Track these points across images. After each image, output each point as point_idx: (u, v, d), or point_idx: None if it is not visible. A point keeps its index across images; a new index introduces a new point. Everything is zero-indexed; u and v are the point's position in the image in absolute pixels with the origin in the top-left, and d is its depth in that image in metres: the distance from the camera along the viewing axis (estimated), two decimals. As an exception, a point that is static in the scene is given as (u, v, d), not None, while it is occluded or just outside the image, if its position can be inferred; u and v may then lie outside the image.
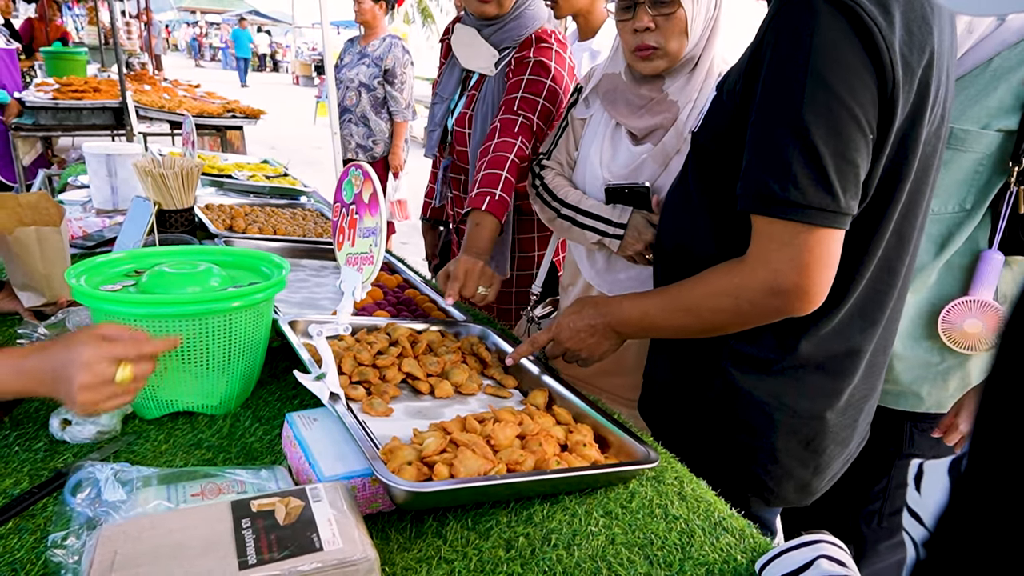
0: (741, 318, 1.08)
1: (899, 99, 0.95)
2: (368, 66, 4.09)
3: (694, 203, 1.19)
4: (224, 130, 4.81)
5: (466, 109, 1.96)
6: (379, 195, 1.01)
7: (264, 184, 2.76)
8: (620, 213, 1.52)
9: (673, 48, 1.44)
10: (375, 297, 1.72)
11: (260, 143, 9.85)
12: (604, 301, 1.28)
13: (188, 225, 1.93)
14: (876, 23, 0.91)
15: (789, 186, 0.95)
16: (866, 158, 0.97)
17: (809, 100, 0.92)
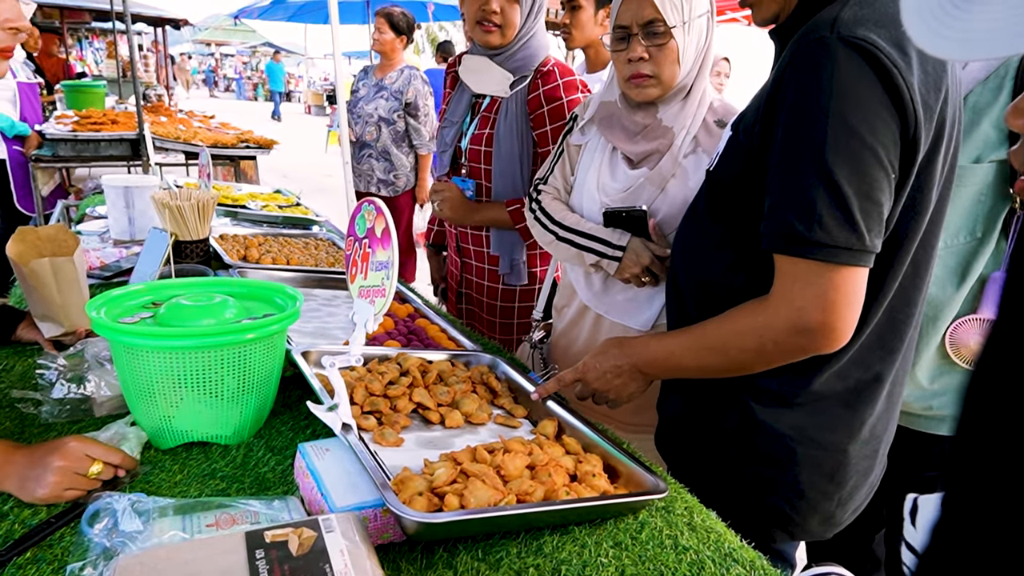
0: (766, 357, 1.08)
1: (921, 139, 0.96)
2: (387, 99, 4.01)
3: (709, 239, 1.20)
4: (238, 160, 4.88)
5: (481, 129, 2.06)
6: (391, 230, 1.04)
7: (277, 214, 2.80)
8: (619, 236, 1.55)
9: (666, 77, 1.48)
10: (386, 327, 1.74)
11: (273, 171, 9.97)
12: (629, 342, 1.29)
13: (203, 255, 1.97)
14: (896, 65, 0.92)
15: (815, 226, 0.96)
16: (889, 197, 0.98)
17: (832, 141, 0.93)
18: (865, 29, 0.93)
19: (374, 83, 4.11)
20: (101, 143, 4.38)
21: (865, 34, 0.92)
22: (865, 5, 0.97)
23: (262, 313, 1.30)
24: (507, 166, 2.01)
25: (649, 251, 1.51)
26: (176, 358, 1.10)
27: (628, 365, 1.27)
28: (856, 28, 0.93)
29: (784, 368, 1.13)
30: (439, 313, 1.92)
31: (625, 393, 1.30)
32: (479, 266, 2.21)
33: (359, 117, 4.10)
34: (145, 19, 9.94)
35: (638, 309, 1.60)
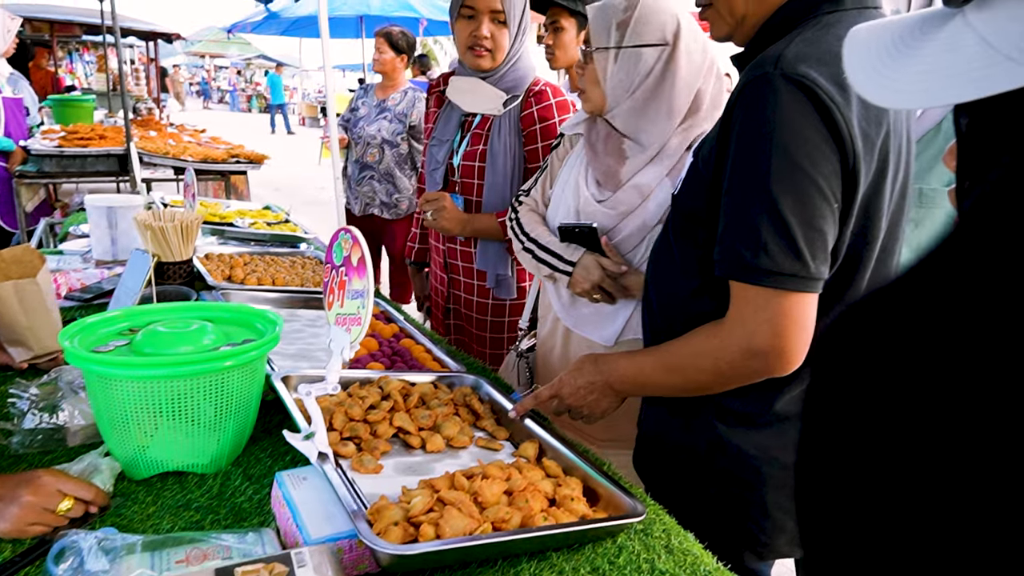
0: (722, 379, 1.11)
1: (861, 170, 0.99)
2: (391, 121, 3.93)
3: (677, 262, 1.22)
4: (228, 175, 4.88)
5: (474, 146, 2.11)
6: (367, 259, 1.04)
7: (265, 232, 2.80)
8: (572, 252, 1.60)
9: (592, 95, 1.56)
10: (369, 348, 1.73)
11: (265, 184, 9.96)
12: (603, 359, 1.31)
13: (186, 276, 1.96)
14: (834, 101, 0.95)
15: (761, 253, 1.00)
16: (833, 225, 1.01)
17: (775, 173, 0.97)
18: (807, 66, 0.96)
19: (376, 103, 4.03)
20: (88, 159, 4.36)
21: (806, 71, 0.96)
22: (810, 43, 1.00)
23: (242, 339, 1.29)
24: (500, 181, 2.07)
25: (601, 268, 1.54)
26: (151, 387, 1.09)
27: (601, 382, 1.29)
28: (798, 65, 0.97)
29: (748, 389, 1.15)
30: (425, 333, 1.92)
31: (599, 409, 1.33)
32: (467, 282, 2.23)
33: (359, 138, 4.00)
34: (137, 33, 9.97)
35: (602, 323, 1.62)
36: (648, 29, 1.46)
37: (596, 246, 1.56)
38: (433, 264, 2.37)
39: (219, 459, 1.20)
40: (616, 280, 1.54)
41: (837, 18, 1.04)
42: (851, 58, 0.68)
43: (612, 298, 1.56)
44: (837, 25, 1.03)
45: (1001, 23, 0.55)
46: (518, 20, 2.04)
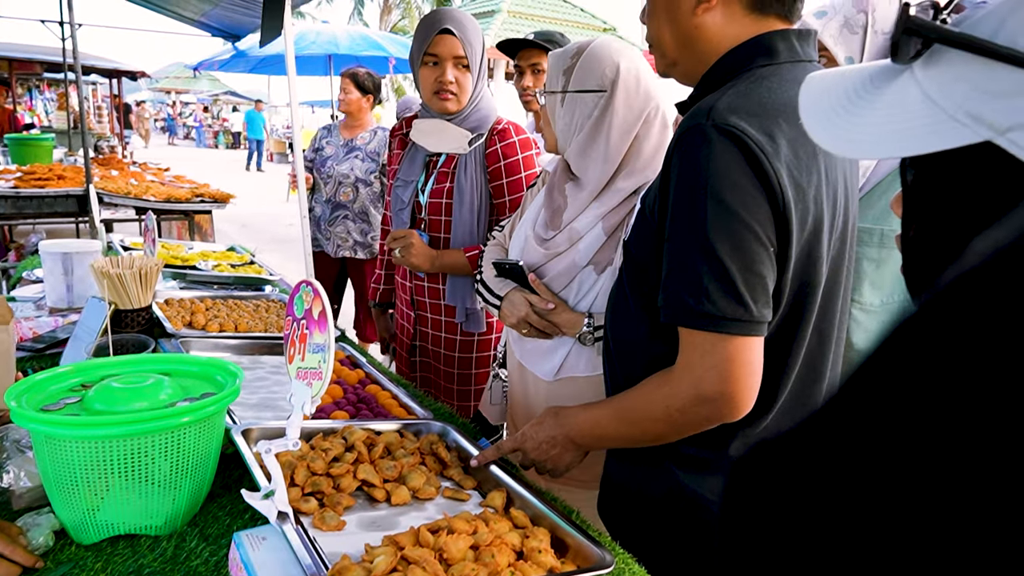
0: (675, 427, 1.12)
1: (792, 216, 1.02)
2: (363, 160, 3.93)
3: (630, 306, 1.24)
4: (192, 214, 4.82)
5: (440, 184, 2.16)
6: (328, 312, 1.02)
7: (229, 275, 2.75)
8: (502, 287, 1.68)
9: (547, 135, 1.65)
10: (334, 395, 1.70)
11: (231, 221, 9.87)
12: (563, 412, 1.31)
13: (145, 324, 1.91)
14: (763, 150, 0.99)
15: (703, 299, 1.02)
16: (771, 269, 1.03)
17: (712, 220, 0.99)
18: (737, 117, 1.00)
19: (343, 143, 4.02)
20: (45, 199, 4.28)
21: (736, 122, 0.99)
22: (742, 95, 1.04)
23: (200, 392, 1.26)
24: (467, 217, 2.13)
25: (528, 304, 1.59)
26: (102, 446, 1.05)
27: (561, 436, 1.29)
28: (729, 116, 1.00)
29: (702, 434, 1.15)
30: (391, 377, 1.89)
31: (562, 464, 1.32)
32: (435, 318, 2.23)
33: (329, 177, 3.97)
34: (100, 71, 9.89)
35: (541, 358, 1.65)
36: (589, 76, 1.52)
37: (526, 282, 1.62)
38: (399, 303, 2.37)
39: (174, 520, 1.15)
40: (543, 317, 1.57)
41: (771, 71, 1.08)
42: (807, 107, 0.69)
43: (542, 333, 1.60)
44: (771, 77, 1.07)
45: (946, 82, 0.57)
46: (479, 64, 2.11)
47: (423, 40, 2.06)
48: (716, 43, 1.13)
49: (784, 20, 1.13)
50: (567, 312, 1.56)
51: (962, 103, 0.55)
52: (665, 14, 1.17)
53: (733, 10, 1.11)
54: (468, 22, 2.09)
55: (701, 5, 1.11)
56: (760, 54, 1.09)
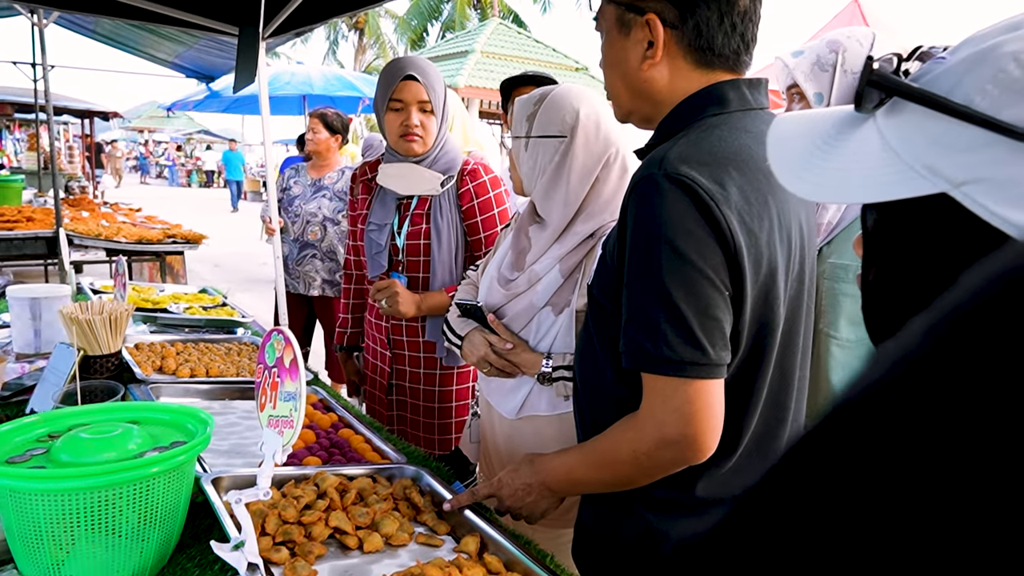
0: (643, 471, 1.13)
1: (745, 260, 1.05)
2: (331, 199, 3.98)
3: (597, 350, 1.25)
4: (164, 255, 4.78)
5: (416, 226, 2.21)
6: (299, 361, 1.03)
7: (200, 317, 2.74)
8: (463, 326, 1.72)
9: (515, 178, 1.70)
10: (307, 440, 1.69)
11: (204, 261, 9.79)
12: (539, 459, 1.32)
13: (114, 370, 1.89)
14: (713, 198, 1.02)
15: (661, 345, 1.03)
16: (727, 313, 1.06)
17: (667, 267, 1.02)
18: (688, 167, 1.03)
19: (311, 182, 4.06)
20: (14, 242, 4.22)
21: (687, 171, 1.02)
22: (693, 144, 1.07)
23: (170, 441, 1.24)
24: (446, 257, 2.19)
25: (487, 344, 1.62)
26: (68, 499, 1.04)
27: (537, 483, 1.30)
28: (680, 166, 1.03)
29: (670, 475, 1.16)
30: (364, 421, 1.88)
31: (538, 510, 1.33)
32: (413, 355, 2.25)
33: (297, 216, 4.00)
34: (72, 112, 9.84)
35: (504, 397, 1.67)
36: (551, 121, 1.57)
37: (487, 323, 1.66)
38: (372, 343, 2.37)
39: (142, 572, 1.13)
40: (502, 356, 1.60)
41: (723, 119, 1.12)
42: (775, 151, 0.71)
43: (503, 373, 1.62)
44: (721, 126, 1.10)
45: (907, 133, 0.59)
46: (442, 108, 2.18)
47: (388, 86, 2.13)
48: (667, 95, 1.17)
49: (731, 72, 1.16)
50: (527, 352, 1.59)
51: (921, 155, 0.57)
52: (616, 68, 1.21)
53: (679, 65, 1.15)
54: (430, 68, 2.18)
55: (647, 61, 1.15)
56: (712, 103, 1.13)
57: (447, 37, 21.50)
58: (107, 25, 4.64)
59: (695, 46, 1.12)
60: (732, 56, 1.14)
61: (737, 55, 1.14)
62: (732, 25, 1.11)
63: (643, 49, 1.15)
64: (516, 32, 16.08)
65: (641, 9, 1.13)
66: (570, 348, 1.55)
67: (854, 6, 8.34)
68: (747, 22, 1.13)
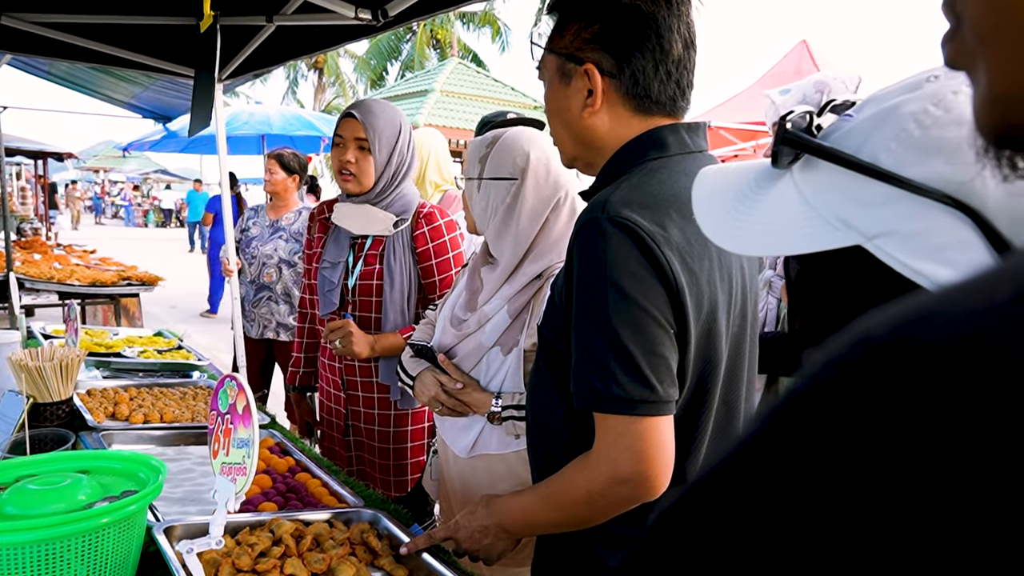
0: (598, 509, 1.14)
1: (687, 298, 1.08)
2: (287, 241, 3.95)
3: (547, 389, 1.27)
4: (118, 298, 4.70)
5: (369, 266, 2.22)
6: (252, 407, 1.03)
7: (155, 361, 2.70)
8: (415, 366, 1.74)
9: (469, 218, 1.74)
10: (263, 485, 1.67)
11: (160, 303, 9.60)
12: (495, 500, 1.33)
13: (65, 418, 1.86)
14: (654, 240, 1.06)
15: (611, 384, 1.06)
16: (672, 349, 1.09)
17: (613, 308, 1.05)
18: (629, 210, 1.07)
19: (268, 223, 4.03)
20: (-38, 287, 4.12)
21: (629, 214, 1.06)
22: (634, 188, 1.11)
23: (121, 490, 1.23)
24: (398, 299, 2.18)
25: (438, 384, 1.65)
26: (16, 553, 1.02)
27: (493, 524, 1.30)
28: (622, 209, 1.07)
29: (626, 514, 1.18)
30: (322, 464, 1.87)
31: (495, 552, 1.33)
32: (367, 396, 2.24)
33: (254, 258, 3.96)
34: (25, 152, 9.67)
35: (457, 435, 1.69)
36: (502, 164, 1.62)
37: (437, 362, 1.68)
38: (326, 384, 2.36)
39: (91, 627, 1.11)
40: (452, 396, 1.62)
41: (663, 163, 1.16)
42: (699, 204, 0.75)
43: (454, 412, 1.64)
44: (662, 170, 1.15)
45: (821, 188, 0.62)
46: (386, 150, 2.17)
47: (335, 124, 2.22)
48: (608, 141, 1.21)
49: (670, 119, 1.21)
50: (477, 391, 1.61)
51: (836, 209, 0.60)
52: (558, 116, 1.26)
53: (618, 112, 1.19)
54: (379, 109, 2.20)
55: (587, 109, 1.19)
56: (652, 147, 1.17)
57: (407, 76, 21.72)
58: (62, 67, 4.61)
59: (633, 93, 1.17)
60: (669, 102, 1.19)
61: (674, 101, 1.19)
62: (667, 73, 1.16)
63: (583, 97, 1.19)
64: (475, 71, 16.31)
65: (580, 59, 1.17)
66: (519, 387, 1.57)
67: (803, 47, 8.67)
68: (682, 69, 1.18)
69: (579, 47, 1.18)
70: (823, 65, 7.85)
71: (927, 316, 0.23)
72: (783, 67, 8.45)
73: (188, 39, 3.08)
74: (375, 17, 2.59)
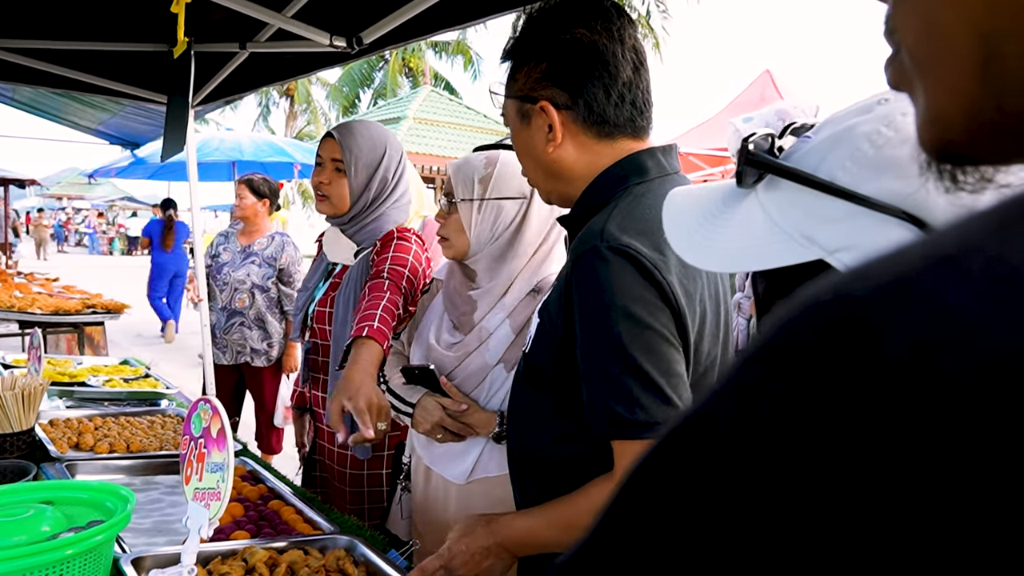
0: None
1: (687, 319, 1.10)
2: (260, 266, 3.91)
3: (535, 412, 1.26)
4: (82, 327, 4.59)
5: (330, 293, 2.14)
6: (227, 430, 1.01)
7: (121, 390, 2.63)
8: (413, 393, 1.66)
9: (455, 242, 1.66)
10: (234, 514, 1.63)
11: (126, 332, 9.40)
12: (496, 520, 1.30)
13: (27, 448, 1.80)
14: (655, 265, 1.08)
15: (635, 408, 1.05)
16: (683, 366, 1.10)
17: (625, 333, 1.05)
18: (628, 237, 1.09)
19: (240, 249, 3.99)
20: (-81, 317, 4.00)
21: (629, 241, 1.08)
22: (626, 216, 1.13)
23: (87, 520, 1.19)
24: (340, 329, 2.03)
25: (441, 408, 1.60)
26: (-26, 589, 0.97)
27: (495, 545, 1.27)
28: (620, 236, 1.09)
29: None
30: (295, 491, 1.83)
31: (495, 574, 1.30)
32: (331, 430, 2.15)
33: (225, 284, 3.91)
34: (-15, 179, 9.48)
35: (452, 461, 1.64)
36: (508, 184, 1.62)
37: (437, 386, 1.62)
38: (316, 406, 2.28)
39: (54, 665, 1.06)
40: (457, 419, 1.59)
41: (645, 188, 1.18)
42: (669, 223, 0.78)
43: (457, 436, 1.60)
44: (646, 195, 1.17)
45: (784, 206, 0.66)
46: (364, 173, 2.06)
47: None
48: (579, 171, 1.23)
49: (635, 139, 1.23)
50: (479, 412, 1.58)
51: (799, 225, 0.64)
52: (527, 156, 1.29)
53: (582, 140, 1.22)
54: (360, 131, 2.10)
55: (550, 144, 1.22)
56: (632, 173, 1.20)
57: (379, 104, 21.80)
58: (27, 92, 4.54)
59: (590, 121, 1.20)
60: (628, 123, 1.21)
61: (632, 121, 1.22)
62: (620, 96, 1.19)
63: (545, 134, 1.21)
64: (448, 99, 16.45)
65: (534, 99, 1.21)
66: None
67: (767, 76, 8.89)
68: (635, 90, 1.20)
69: (532, 87, 1.22)
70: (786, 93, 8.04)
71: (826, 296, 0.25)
72: (748, 95, 8.63)
73: (159, 65, 3.06)
74: (350, 45, 2.59)
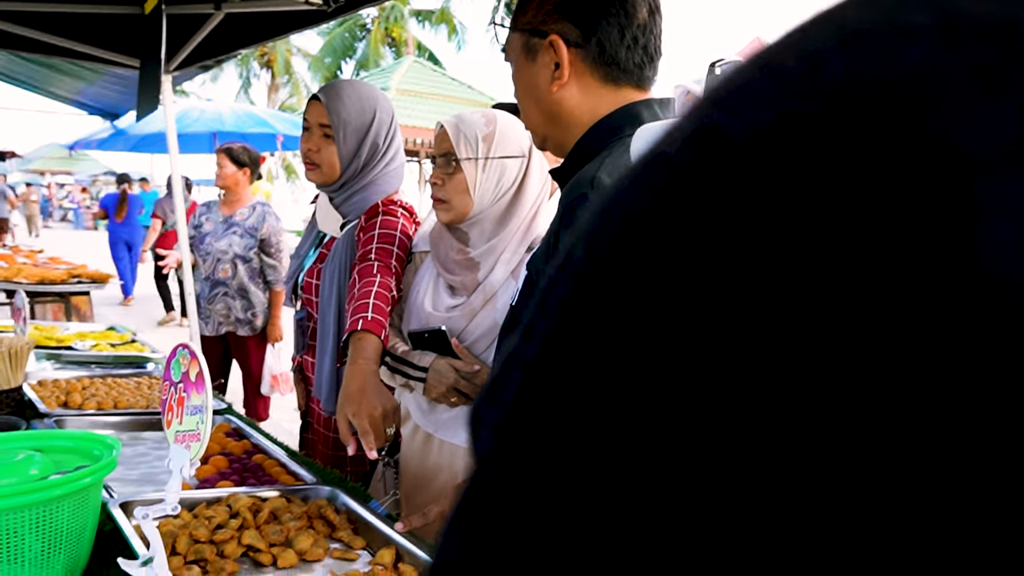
0: None
1: None
2: (241, 236, 3.88)
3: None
4: (68, 296, 4.60)
5: (318, 264, 2.09)
6: (205, 374, 1.05)
7: (108, 354, 2.66)
8: (423, 357, 1.63)
9: (456, 204, 1.61)
10: (219, 466, 1.68)
11: (111, 303, 9.39)
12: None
13: (15, 406, 1.84)
14: None
15: None
16: None
17: None
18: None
19: (222, 219, 3.97)
20: (-99, 288, 4.00)
21: None
22: (618, 165, 1.13)
23: (74, 466, 1.23)
24: (325, 303, 1.98)
25: (454, 370, 1.58)
26: (-33, 526, 1.02)
27: None
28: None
29: None
30: (280, 446, 1.88)
31: None
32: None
33: (208, 254, 3.90)
34: (-36, 151, 9.36)
35: (462, 427, 1.65)
36: (510, 142, 1.60)
37: (447, 349, 1.61)
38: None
39: (46, 599, 1.12)
40: (471, 381, 1.58)
41: None
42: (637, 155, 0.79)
43: (470, 399, 1.59)
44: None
45: None
46: (354, 138, 1.95)
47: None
48: (579, 116, 1.20)
49: (638, 89, 1.21)
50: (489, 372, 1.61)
51: None
52: (528, 95, 1.25)
53: (587, 83, 1.19)
54: (347, 93, 1.97)
55: (555, 82, 1.18)
56: (627, 123, 1.16)
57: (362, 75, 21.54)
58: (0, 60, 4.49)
59: (600, 62, 1.17)
60: (636, 70, 1.19)
61: (641, 69, 1.19)
62: (634, 39, 1.16)
63: (551, 71, 1.18)
64: (431, 70, 16.26)
65: (544, 32, 1.17)
66: None
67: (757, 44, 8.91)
68: (648, 35, 1.17)
69: (542, 20, 1.17)
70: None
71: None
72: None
73: (133, 29, 3.04)
74: (326, 2, 2.58)
